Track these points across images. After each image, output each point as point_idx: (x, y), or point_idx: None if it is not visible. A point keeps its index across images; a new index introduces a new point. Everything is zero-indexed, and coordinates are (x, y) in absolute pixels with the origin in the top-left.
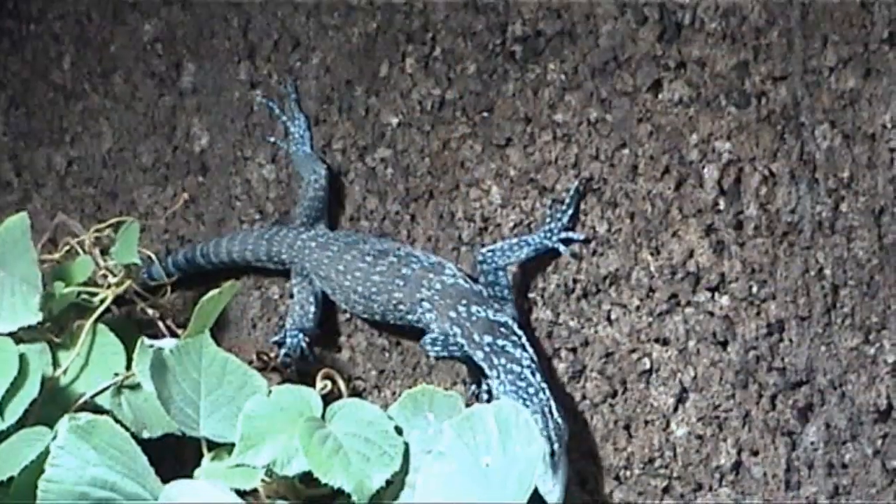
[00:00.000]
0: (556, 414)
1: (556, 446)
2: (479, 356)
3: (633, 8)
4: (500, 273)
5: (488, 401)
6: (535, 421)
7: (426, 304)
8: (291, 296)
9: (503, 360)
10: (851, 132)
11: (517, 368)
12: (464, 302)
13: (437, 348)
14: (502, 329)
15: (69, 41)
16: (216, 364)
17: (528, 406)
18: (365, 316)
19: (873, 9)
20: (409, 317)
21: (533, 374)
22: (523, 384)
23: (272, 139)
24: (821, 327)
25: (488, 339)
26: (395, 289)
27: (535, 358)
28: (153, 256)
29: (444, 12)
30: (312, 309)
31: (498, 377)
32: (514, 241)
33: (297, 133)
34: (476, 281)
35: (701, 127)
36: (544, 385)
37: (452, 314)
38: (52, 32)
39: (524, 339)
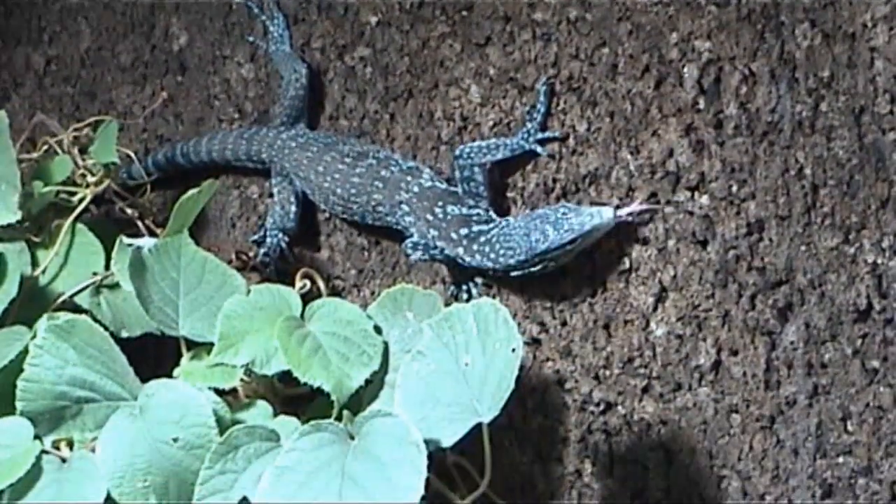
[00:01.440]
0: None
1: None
2: (459, 252)
3: None
4: (477, 169)
5: (468, 301)
6: (548, 215)
7: (405, 207)
8: (271, 195)
9: (482, 240)
10: (832, 31)
11: (495, 232)
12: (440, 203)
13: (418, 252)
14: (475, 217)
15: None
16: (195, 263)
17: (529, 234)
18: (344, 217)
19: None
20: (389, 218)
21: (507, 221)
22: (507, 229)
23: (251, 39)
24: (801, 227)
25: (464, 231)
26: (375, 190)
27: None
28: (132, 155)
29: None
30: (293, 209)
31: (483, 260)
32: (493, 141)
33: (276, 32)
34: (452, 183)
35: (681, 26)
36: (521, 217)
37: (429, 217)
38: None
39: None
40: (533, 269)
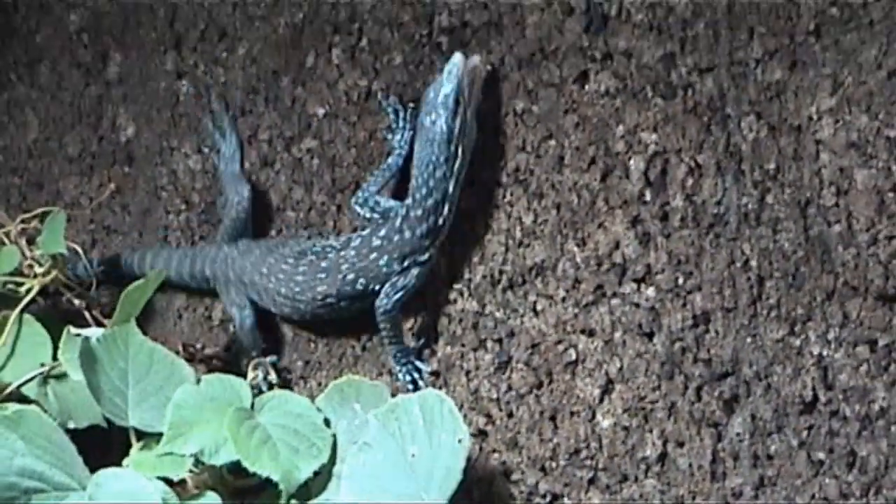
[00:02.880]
0: None
1: None
2: (412, 235)
3: None
4: (375, 199)
5: (414, 389)
6: (423, 111)
7: (351, 276)
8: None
9: (413, 206)
10: (777, 124)
11: (411, 185)
12: (375, 237)
13: (392, 300)
14: (400, 211)
15: None
16: (143, 353)
17: (432, 143)
18: (294, 317)
19: (799, 0)
20: (342, 304)
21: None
22: (415, 166)
23: (206, 149)
24: (746, 319)
25: (399, 222)
26: (318, 283)
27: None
28: (79, 251)
29: (370, 2)
30: (249, 316)
31: (431, 204)
32: (377, 171)
33: (229, 152)
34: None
35: (627, 118)
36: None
37: (374, 255)
38: None
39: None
40: (458, 162)
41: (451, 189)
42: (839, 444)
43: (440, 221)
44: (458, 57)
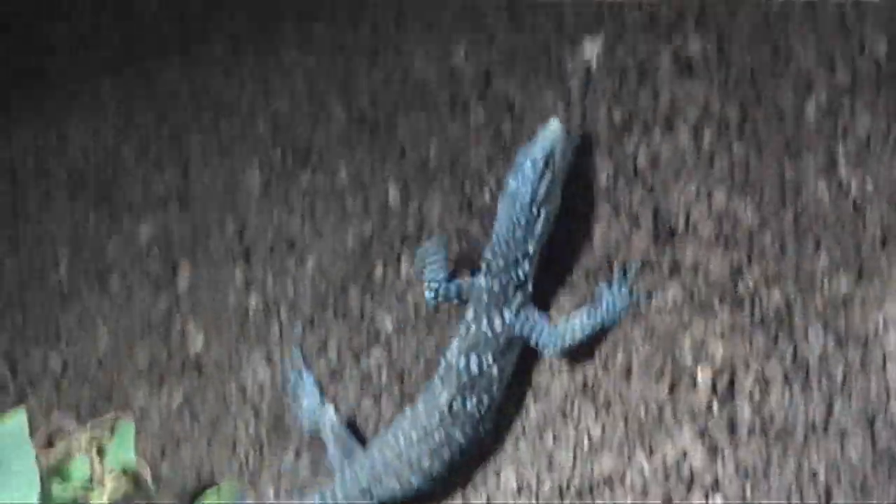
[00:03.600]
0: None
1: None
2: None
3: (627, 212)
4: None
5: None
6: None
7: (462, 362)
8: None
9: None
10: (844, 335)
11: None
12: (464, 321)
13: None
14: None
15: (65, 242)
16: None
17: (515, 202)
18: (441, 470)
19: (865, 211)
20: (469, 401)
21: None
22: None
23: (288, 400)
24: None
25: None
26: (440, 394)
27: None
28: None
29: (438, 215)
30: None
31: (517, 259)
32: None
33: (311, 405)
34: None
35: (695, 329)
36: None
37: (473, 328)
38: (48, 234)
39: None
40: (539, 225)
41: (530, 250)
42: None
43: (521, 275)
44: (555, 123)
